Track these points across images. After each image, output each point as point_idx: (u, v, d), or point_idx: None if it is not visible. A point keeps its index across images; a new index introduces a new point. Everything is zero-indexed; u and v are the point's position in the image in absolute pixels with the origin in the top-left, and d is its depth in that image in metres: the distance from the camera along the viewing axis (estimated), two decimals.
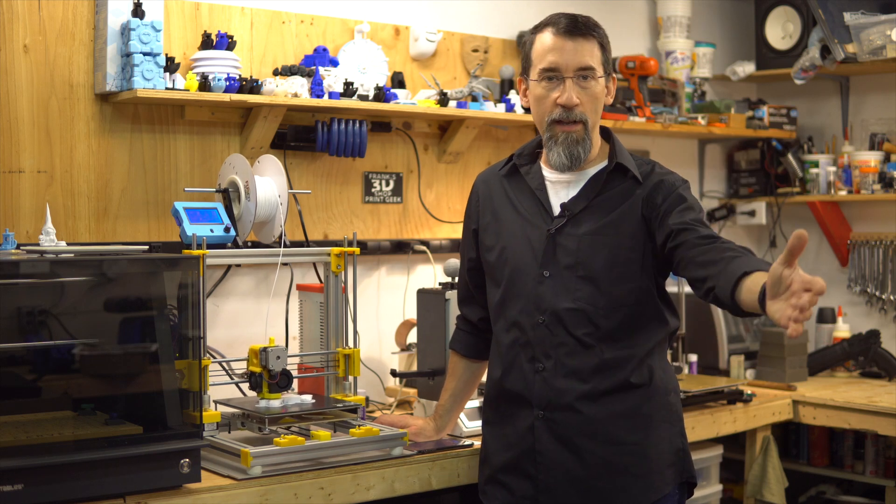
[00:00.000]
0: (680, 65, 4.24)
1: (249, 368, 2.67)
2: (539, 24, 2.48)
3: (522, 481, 2.43)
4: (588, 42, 2.41)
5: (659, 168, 2.48)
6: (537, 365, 2.41)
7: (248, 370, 2.68)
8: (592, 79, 2.40)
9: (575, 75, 2.39)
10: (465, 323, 2.72)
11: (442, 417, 2.76)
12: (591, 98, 2.41)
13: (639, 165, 2.46)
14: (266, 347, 2.63)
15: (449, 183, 3.65)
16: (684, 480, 2.48)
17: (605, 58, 2.44)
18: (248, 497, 2.38)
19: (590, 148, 2.43)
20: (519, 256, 2.45)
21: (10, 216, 2.79)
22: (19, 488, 2.11)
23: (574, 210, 2.42)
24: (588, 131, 2.42)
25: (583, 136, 2.41)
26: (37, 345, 2.27)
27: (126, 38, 2.79)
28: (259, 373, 2.64)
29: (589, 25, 2.43)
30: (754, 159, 4.52)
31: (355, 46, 3.35)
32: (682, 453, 2.47)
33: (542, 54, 2.42)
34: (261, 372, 2.64)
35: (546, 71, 2.41)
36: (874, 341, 4.02)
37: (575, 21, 2.42)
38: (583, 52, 2.40)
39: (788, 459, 3.97)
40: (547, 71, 2.41)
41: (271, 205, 2.81)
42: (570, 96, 2.39)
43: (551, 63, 2.40)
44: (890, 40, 3.78)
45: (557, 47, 2.40)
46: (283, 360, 2.63)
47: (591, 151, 2.45)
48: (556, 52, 2.40)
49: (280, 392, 2.65)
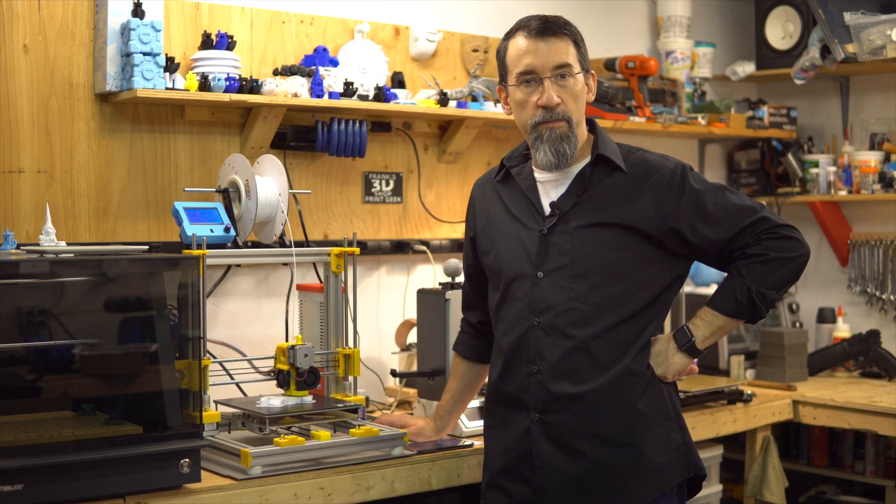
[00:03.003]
0: (680, 65, 4.24)
1: (277, 366, 2.70)
2: (510, 29, 2.47)
3: (520, 485, 2.42)
4: (561, 41, 2.40)
5: (649, 155, 2.46)
6: (532, 367, 2.40)
7: (275, 367, 2.72)
8: (571, 76, 2.40)
9: (552, 75, 2.38)
10: (467, 325, 2.72)
11: (442, 418, 2.76)
12: (571, 95, 2.40)
13: (624, 154, 2.45)
14: (294, 345, 2.66)
15: (449, 183, 3.64)
16: (692, 475, 2.44)
17: (580, 55, 2.43)
18: (248, 497, 2.38)
19: (576, 145, 2.42)
20: (514, 259, 2.45)
21: (10, 216, 2.79)
22: (19, 488, 2.12)
23: (564, 208, 2.41)
24: (572, 128, 2.41)
25: (567, 133, 2.40)
26: (37, 345, 2.27)
27: (126, 38, 2.79)
28: (287, 370, 2.67)
29: (560, 24, 2.42)
30: (754, 159, 4.52)
31: (355, 46, 3.35)
32: (683, 447, 2.43)
33: (516, 58, 2.41)
34: (288, 369, 2.67)
35: (523, 74, 2.40)
36: (874, 341, 4.02)
37: (546, 21, 2.41)
38: (557, 50, 2.39)
39: (788, 459, 3.97)
40: (524, 74, 2.40)
41: (271, 205, 2.81)
42: (549, 96, 2.38)
43: (527, 66, 2.39)
44: (890, 40, 3.78)
45: (531, 49, 2.38)
46: (311, 357, 2.67)
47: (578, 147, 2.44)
48: (530, 55, 2.39)
49: (307, 389, 2.69)
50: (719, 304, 2.42)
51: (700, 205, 2.40)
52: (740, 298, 2.38)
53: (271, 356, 2.76)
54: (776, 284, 2.39)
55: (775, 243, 2.38)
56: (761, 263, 2.37)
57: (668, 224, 2.38)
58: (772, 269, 2.38)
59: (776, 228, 2.39)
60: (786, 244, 2.39)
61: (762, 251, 2.37)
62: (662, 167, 2.43)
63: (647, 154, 2.47)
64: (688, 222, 2.38)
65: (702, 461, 2.49)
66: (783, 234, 2.39)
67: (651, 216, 2.38)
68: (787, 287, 2.43)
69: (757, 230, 2.38)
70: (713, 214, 2.39)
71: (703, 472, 2.48)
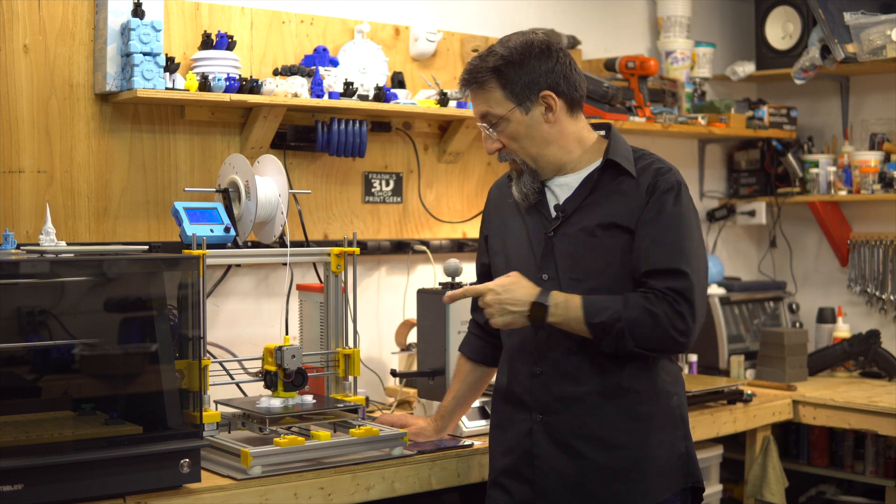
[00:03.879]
0: (680, 65, 4.24)
1: (264, 367, 2.69)
2: None
3: (521, 485, 2.43)
4: (481, 90, 2.39)
5: (658, 164, 2.41)
6: (535, 369, 2.41)
7: (262, 369, 2.71)
8: (499, 122, 2.39)
9: (482, 124, 2.42)
10: (475, 326, 2.72)
11: (443, 419, 2.76)
12: (509, 137, 2.40)
13: (637, 160, 2.42)
14: (281, 346, 2.65)
15: (449, 183, 3.64)
16: (689, 485, 2.43)
17: (508, 92, 2.37)
18: (248, 497, 2.38)
19: (539, 174, 2.42)
20: (521, 261, 2.45)
21: (10, 216, 2.79)
22: (19, 488, 2.11)
23: (568, 211, 2.41)
24: (527, 164, 2.41)
25: (521, 170, 2.42)
26: (37, 345, 2.27)
27: (126, 38, 2.79)
28: (274, 371, 2.66)
29: (476, 70, 2.38)
30: (754, 159, 4.52)
31: (355, 46, 3.35)
32: (686, 457, 2.43)
33: None
34: (276, 371, 2.66)
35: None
36: (874, 341, 4.02)
37: (466, 71, 2.41)
38: (477, 102, 2.41)
39: (788, 459, 3.97)
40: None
41: (271, 205, 2.81)
42: (487, 146, 2.44)
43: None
44: (890, 40, 3.78)
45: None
46: (298, 358, 2.66)
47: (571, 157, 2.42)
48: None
49: (295, 390, 2.67)
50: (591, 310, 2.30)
51: (659, 224, 2.34)
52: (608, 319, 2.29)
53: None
54: (640, 342, 2.30)
55: (673, 314, 2.28)
56: (649, 315, 2.28)
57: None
58: (651, 328, 2.28)
59: (684, 303, 2.28)
60: (678, 323, 2.28)
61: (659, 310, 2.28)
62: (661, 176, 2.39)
63: (656, 161, 2.43)
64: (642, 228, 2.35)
65: (701, 474, 2.47)
66: (683, 312, 2.28)
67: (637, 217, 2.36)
68: (642, 352, 2.32)
69: (674, 287, 2.29)
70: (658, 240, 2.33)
71: (702, 486, 2.46)
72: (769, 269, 4.67)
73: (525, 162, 2.41)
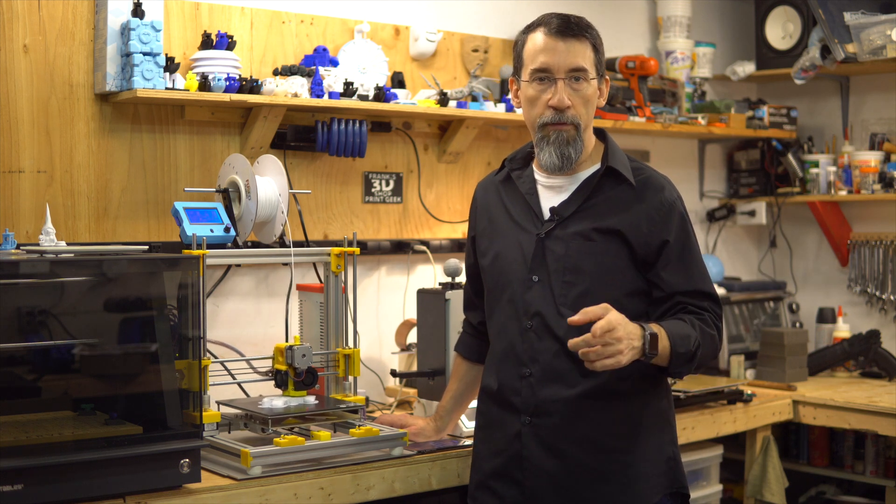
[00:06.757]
0: (680, 65, 4.24)
1: (275, 366, 2.70)
2: (531, 24, 2.45)
3: (510, 487, 2.42)
4: (580, 43, 2.38)
5: (654, 179, 2.44)
6: (524, 370, 2.40)
7: (273, 368, 2.71)
8: (584, 80, 2.38)
9: (566, 76, 2.37)
10: (468, 326, 2.72)
11: (442, 418, 2.76)
12: (582, 100, 2.39)
13: (634, 170, 2.43)
14: (292, 346, 2.66)
15: (449, 183, 3.64)
16: (675, 490, 2.43)
17: (597, 59, 2.42)
18: (248, 497, 2.38)
19: (581, 149, 2.41)
20: (510, 262, 2.44)
21: (10, 216, 2.79)
22: (19, 488, 2.12)
23: (564, 214, 2.41)
24: (580, 133, 2.39)
25: (574, 137, 2.39)
26: (37, 345, 2.28)
27: (126, 38, 2.79)
28: (285, 371, 2.67)
29: (581, 26, 2.40)
30: (754, 159, 4.52)
31: (355, 46, 3.35)
32: (672, 462, 2.43)
33: (533, 55, 2.40)
34: (286, 370, 2.66)
35: (537, 72, 2.39)
36: (874, 341, 4.02)
37: (567, 21, 2.39)
38: (575, 53, 2.37)
39: (788, 459, 3.97)
40: (538, 72, 2.38)
41: (272, 205, 2.81)
42: (561, 98, 2.37)
43: (543, 64, 2.38)
44: (890, 40, 3.78)
45: (549, 48, 2.37)
46: (309, 357, 2.67)
47: (584, 153, 2.43)
48: (547, 53, 2.37)
49: (305, 389, 2.68)
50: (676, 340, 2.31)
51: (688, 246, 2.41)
52: (693, 348, 2.33)
53: (270, 356, 2.76)
54: (700, 364, 2.39)
55: (718, 335, 2.41)
56: (710, 339, 2.38)
57: (651, 246, 2.38)
58: (711, 350, 2.40)
59: (720, 322, 2.43)
60: (719, 343, 2.43)
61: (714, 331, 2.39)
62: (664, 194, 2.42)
63: (654, 175, 2.45)
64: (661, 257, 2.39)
65: (686, 480, 2.48)
66: (721, 331, 2.43)
67: (644, 233, 2.37)
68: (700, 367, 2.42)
69: (713, 309, 2.41)
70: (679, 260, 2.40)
71: (688, 492, 2.47)
72: (769, 269, 4.67)
73: (579, 131, 2.39)
